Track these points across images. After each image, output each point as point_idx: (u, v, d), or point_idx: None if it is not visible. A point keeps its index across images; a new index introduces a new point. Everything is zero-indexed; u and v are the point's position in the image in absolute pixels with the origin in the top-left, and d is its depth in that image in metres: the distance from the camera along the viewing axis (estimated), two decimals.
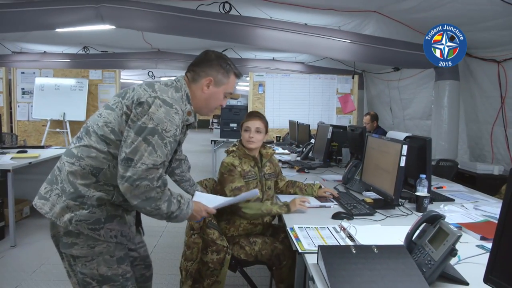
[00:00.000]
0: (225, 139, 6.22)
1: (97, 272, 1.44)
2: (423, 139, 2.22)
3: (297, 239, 1.61)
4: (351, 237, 1.62)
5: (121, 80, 6.89)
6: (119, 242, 1.47)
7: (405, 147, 1.91)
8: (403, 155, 1.91)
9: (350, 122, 6.35)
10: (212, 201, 1.72)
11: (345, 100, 6.36)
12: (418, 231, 1.35)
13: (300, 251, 1.49)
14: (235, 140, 2.21)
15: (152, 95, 1.39)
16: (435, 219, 1.32)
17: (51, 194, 1.43)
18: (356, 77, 6.47)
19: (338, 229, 1.73)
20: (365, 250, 1.22)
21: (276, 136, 6.13)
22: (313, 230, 1.72)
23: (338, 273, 1.14)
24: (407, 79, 6.07)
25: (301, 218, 1.92)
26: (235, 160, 2.16)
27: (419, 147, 2.22)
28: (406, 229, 1.39)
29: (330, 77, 6.50)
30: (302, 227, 1.76)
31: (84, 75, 6.24)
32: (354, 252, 1.21)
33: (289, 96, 6.47)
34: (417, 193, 2.07)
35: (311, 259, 1.40)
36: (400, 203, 2.13)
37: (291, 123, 5.56)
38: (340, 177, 2.87)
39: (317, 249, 1.35)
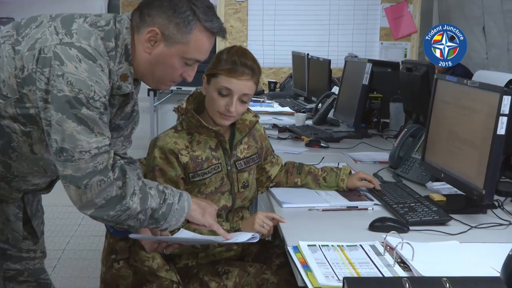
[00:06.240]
0: (174, 88, 6.15)
1: None
2: None
3: (306, 266, 1.62)
4: (403, 263, 1.64)
5: None
6: None
7: (507, 100, 1.91)
8: (503, 115, 1.91)
9: (405, 56, 6.39)
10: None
11: (397, 15, 6.34)
12: None
13: (310, 287, 1.50)
14: (195, 88, 2.17)
15: (65, 41, 1.56)
16: None
17: None
18: None
19: (381, 248, 1.76)
20: (430, 285, 1.24)
21: (269, 82, 6.12)
22: (334, 250, 1.75)
23: None
24: None
25: (313, 230, 1.94)
26: (179, 141, 2.11)
27: None
28: (506, 249, 1.42)
29: None
30: (314, 245, 1.78)
31: None
32: None
33: (293, 7, 6.44)
34: None
35: None
36: (496, 203, 2.16)
37: (297, 58, 5.56)
38: (385, 156, 2.91)
39: (342, 284, 1.35)
